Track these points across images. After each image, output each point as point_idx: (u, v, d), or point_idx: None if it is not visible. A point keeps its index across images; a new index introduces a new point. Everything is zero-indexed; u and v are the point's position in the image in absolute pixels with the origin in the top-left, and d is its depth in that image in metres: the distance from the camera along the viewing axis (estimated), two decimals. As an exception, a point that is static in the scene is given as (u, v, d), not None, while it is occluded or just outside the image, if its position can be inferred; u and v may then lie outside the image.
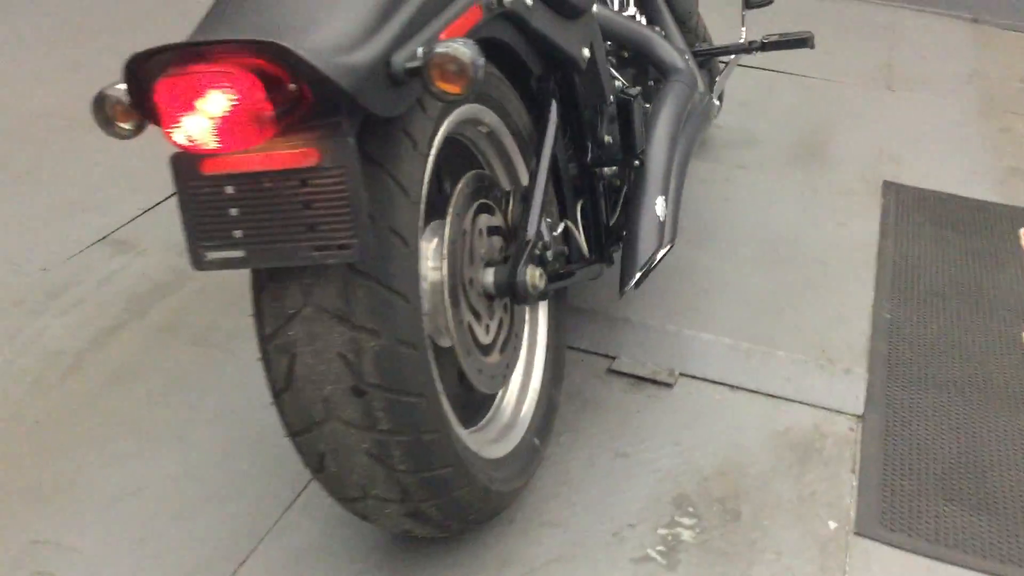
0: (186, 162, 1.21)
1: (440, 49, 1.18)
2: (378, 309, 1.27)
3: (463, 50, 1.17)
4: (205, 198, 1.22)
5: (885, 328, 2.27)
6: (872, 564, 1.67)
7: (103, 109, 1.23)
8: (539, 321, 1.83)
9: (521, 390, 1.76)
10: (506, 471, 1.60)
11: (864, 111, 3.55)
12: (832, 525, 1.74)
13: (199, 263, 1.25)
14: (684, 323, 2.19)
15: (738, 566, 1.65)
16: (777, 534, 1.72)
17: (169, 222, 2.46)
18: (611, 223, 2.01)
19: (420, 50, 1.23)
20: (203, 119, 1.12)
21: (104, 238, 2.36)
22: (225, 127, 1.12)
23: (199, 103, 1.12)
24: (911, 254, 2.62)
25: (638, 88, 1.95)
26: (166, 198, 2.56)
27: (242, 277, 2.22)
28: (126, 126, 1.24)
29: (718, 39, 2.83)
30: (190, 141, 1.14)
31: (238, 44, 1.12)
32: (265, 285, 1.31)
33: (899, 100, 3.69)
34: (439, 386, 1.41)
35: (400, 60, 1.21)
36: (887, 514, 1.78)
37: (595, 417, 1.95)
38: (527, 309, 1.80)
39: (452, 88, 1.19)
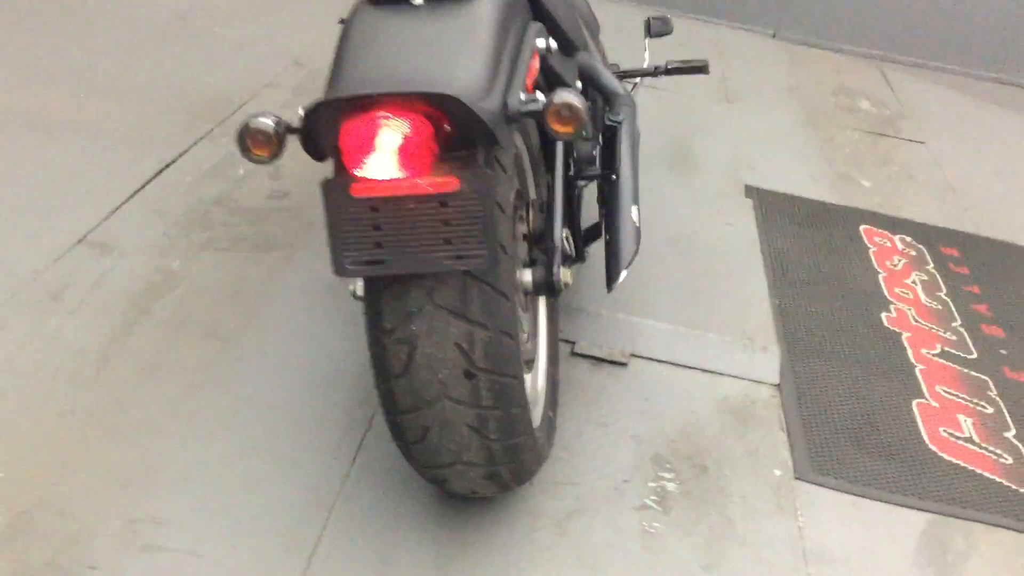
0: (337, 186, 1.45)
1: (557, 98, 1.47)
2: (488, 306, 1.55)
3: (575, 98, 1.47)
4: (352, 216, 1.47)
5: (779, 311, 2.73)
6: (815, 501, 2.11)
7: (245, 139, 1.46)
8: (540, 312, 2.14)
9: (534, 371, 2.06)
10: (540, 439, 1.91)
11: (713, 121, 4.05)
12: (777, 473, 2.16)
13: (342, 270, 1.49)
14: (630, 311, 2.56)
15: (716, 508, 2.04)
16: (738, 482, 2.12)
17: (139, 224, 2.57)
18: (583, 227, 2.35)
19: (523, 95, 1.52)
20: (384, 154, 1.38)
21: (81, 240, 2.46)
22: (408, 158, 1.37)
23: (377, 141, 1.38)
24: (782, 248, 3.11)
25: (622, 115, 2.29)
26: (126, 200, 2.66)
27: (232, 280, 2.41)
28: (262, 154, 1.48)
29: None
30: (367, 169, 1.38)
31: (409, 94, 1.38)
32: (385, 289, 1.56)
33: (738, 111, 4.22)
34: None
35: (514, 103, 1.50)
36: (815, 461, 2.22)
37: (572, 393, 2.28)
38: (540, 301, 2.11)
39: (566, 129, 1.49)
